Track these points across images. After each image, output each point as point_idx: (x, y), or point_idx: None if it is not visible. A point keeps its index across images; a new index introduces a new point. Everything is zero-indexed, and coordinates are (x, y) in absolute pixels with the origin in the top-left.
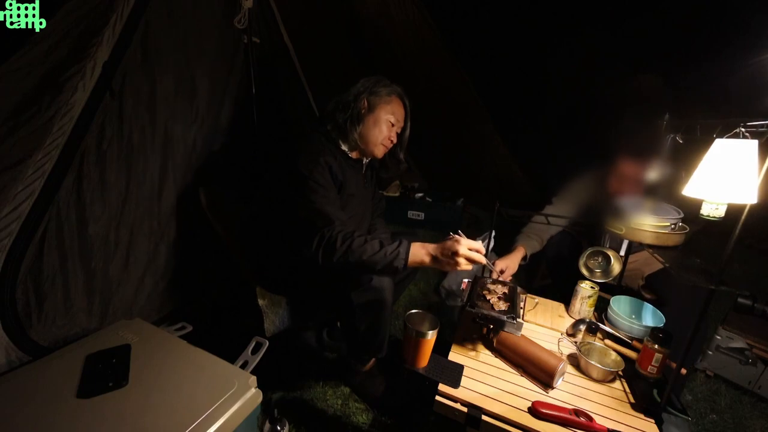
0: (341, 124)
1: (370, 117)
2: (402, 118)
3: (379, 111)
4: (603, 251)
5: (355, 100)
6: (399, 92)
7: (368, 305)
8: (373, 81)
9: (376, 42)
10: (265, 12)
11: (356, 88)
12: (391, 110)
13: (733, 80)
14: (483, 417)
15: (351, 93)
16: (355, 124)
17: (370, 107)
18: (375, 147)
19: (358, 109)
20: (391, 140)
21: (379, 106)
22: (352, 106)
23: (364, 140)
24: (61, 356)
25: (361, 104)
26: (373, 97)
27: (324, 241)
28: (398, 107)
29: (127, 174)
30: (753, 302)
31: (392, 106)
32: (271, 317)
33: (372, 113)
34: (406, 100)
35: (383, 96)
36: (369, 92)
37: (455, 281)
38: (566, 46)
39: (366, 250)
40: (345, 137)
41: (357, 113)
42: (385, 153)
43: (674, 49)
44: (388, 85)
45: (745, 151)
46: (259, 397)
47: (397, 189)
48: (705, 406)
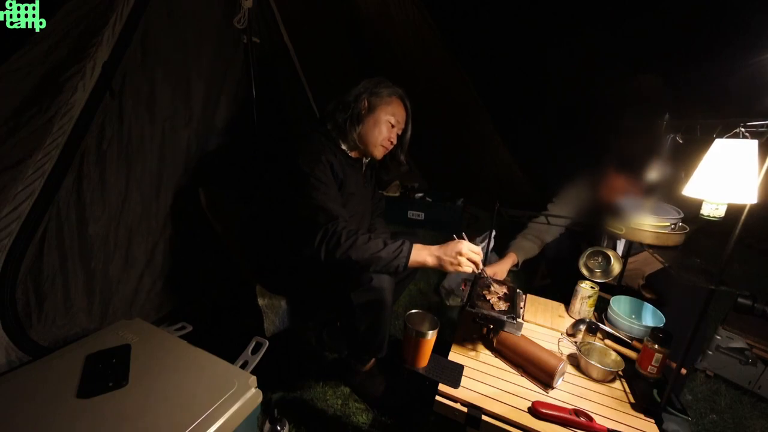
0: (341, 124)
1: (370, 117)
2: (403, 120)
3: (380, 112)
4: (603, 251)
5: (355, 101)
6: (400, 94)
7: (368, 305)
8: (374, 82)
9: (376, 42)
10: (265, 12)
11: (357, 88)
12: (392, 111)
13: (733, 80)
14: (483, 417)
15: (352, 93)
16: (354, 124)
17: (371, 108)
18: (374, 148)
19: (358, 110)
20: (390, 141)
21: (380, 107)
22: (352, 106)
23: (364, 141)
24: (61, 356)
25: (362, 104)
26: (373, 97)
27: (327, 237)
28: (399, 109)
29: (127, 174)
30: (753, 302)
31: (393, 107)
32: (271, 317)
33: (372, 114)
34: (408, 102)
35: (384, 97)
36: (370, 93)
37: (455, 281)
38: (566, 46)
39: (369, 247)
40: (345, 137)
41: (357, 113)
42: (384, 154)
43: (674, 49)
44: (389, 86)
45: (745, 151)
46: (259, 397)
47: (397, 189)
48: (705, 406)
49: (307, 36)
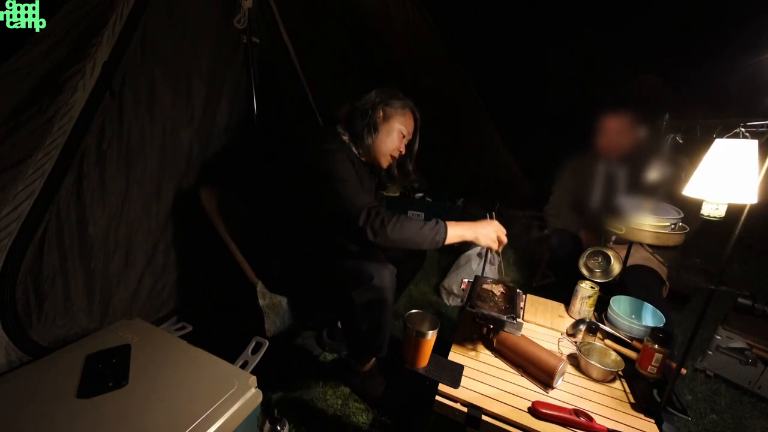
0: (359, 132)
1: (384, 127)
2: (412, 131)
3: (394, 122)
4: (603, 251)
5: (372, 109)
6: (411, 106)
7: (369, 304)
8: (388, 93)
9: (376, 42)
10: (265, 12)
11: (370, 97)
12: (404, 122)
13: (733, 80)
14: (483, 417)
15: (367, 102)
16: (371, 132)
17: (385, 117)
18: (383, 156)
19: (374, 119)
20: (399, 151)
21: (394, 117)
22: (369, 114)
23: (376, 149)
24: (61, 356)
25: (378, 114)
26: (388, 108)
27: (372, 217)
28: (410, 120)
29: (127, 174)
30: (753, 302)
31: (405, 118)
32: (272, 317)
33: (387, 123)
34: (418, 114)
35: (398, 108)
36: (384, 103)
37: (455, 281)
38: (566, 46)
39: (412, 226)
40: (360, 143)
41: (374, 122)
42: (390, 164)
43: (674, 49)
44: (401, 98)
45: (745, 151)
46: (259, 397)
47: (397, 189)
48: (705, 406)
49: (307, 36)
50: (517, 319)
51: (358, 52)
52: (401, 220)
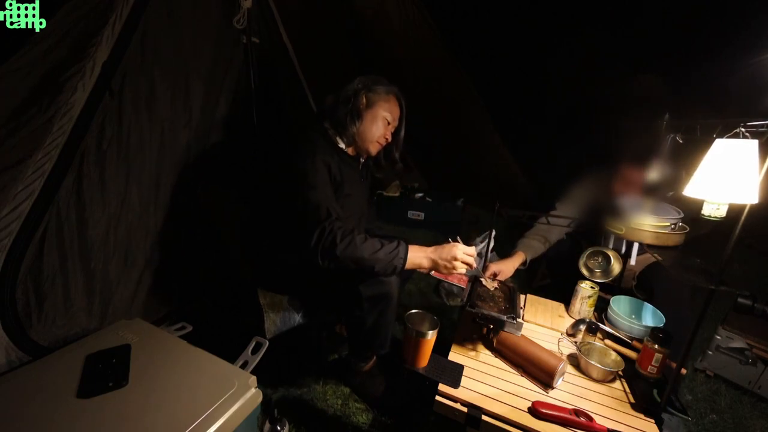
0: (341, 119)
1: (368, 113)
2: (397, 118)
3: (377, 108)
4: (603, 251)
5: (354, 96)
6: (396, 92)
7: (376, 298)
8: (371, 79)
9: (376, 42)
10: (265, 12)
11: (353, 85)
12: (389, 108)
13: (733, 80)
14: (483, 417)
15: (349, 89)
16: (354, 119)
17: (369, 104)
18: (370, 144)
19: (357, 105)
20: (386, 138)
21: (378, 104)
22: (352, 101)
23: (361, 136)
24: (61, 356)
25: (360, 100)
26: (371, 94)
27: (324, 236)
28: (395, 106)
29: (127, 174)
30: (753, 302)
31: (390, 104)
32: (272, 317)
33: (370, 109)
34: (403, 101)
35: (382, 94)
36: (368, 89)
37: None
38: (566, 46)
39: (367, 247)
40: (343, 132)
41: (356, 109)
42: (378, 151)
43: (674, 49)
44: (386, 84)
45: (746, 151)
46: (259, 397)
47: (397, 189)
48: (705, 406)
49: (307, 36)
50: (517, 319)
51: (358, 52)
52: (356, 239)
